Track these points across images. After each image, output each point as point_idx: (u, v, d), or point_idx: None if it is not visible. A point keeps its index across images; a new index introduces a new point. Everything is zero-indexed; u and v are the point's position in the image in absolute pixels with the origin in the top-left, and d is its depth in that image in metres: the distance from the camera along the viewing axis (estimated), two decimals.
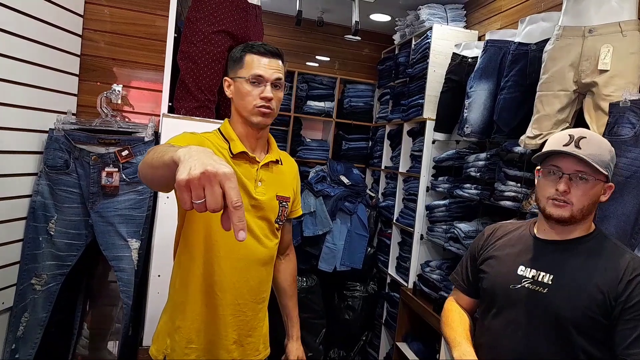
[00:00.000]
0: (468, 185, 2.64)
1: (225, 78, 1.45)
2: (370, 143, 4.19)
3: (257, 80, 1.37)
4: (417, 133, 3.27)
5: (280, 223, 1.50)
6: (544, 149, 1.25)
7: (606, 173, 1.21)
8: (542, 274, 1.23)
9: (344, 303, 3.58)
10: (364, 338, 3.71)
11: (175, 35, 2.15)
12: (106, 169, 2.00)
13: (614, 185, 1.26)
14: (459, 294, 1.51)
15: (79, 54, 2.29)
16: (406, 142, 3.39)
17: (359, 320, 3.59)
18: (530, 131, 2.11)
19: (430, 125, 3.03)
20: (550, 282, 1.21)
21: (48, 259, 2.06)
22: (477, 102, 2.56)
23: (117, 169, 2.01)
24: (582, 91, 1.97)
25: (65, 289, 2.12)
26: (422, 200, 3.07)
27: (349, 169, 3.87)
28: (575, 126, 2.06)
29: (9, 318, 2.04)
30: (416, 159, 3.27)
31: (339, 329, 3.59)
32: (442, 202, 2.93)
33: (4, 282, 2.02)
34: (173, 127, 1.98)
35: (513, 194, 2.30)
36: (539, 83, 2.08)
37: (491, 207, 2.46)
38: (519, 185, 2.28)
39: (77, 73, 2.30)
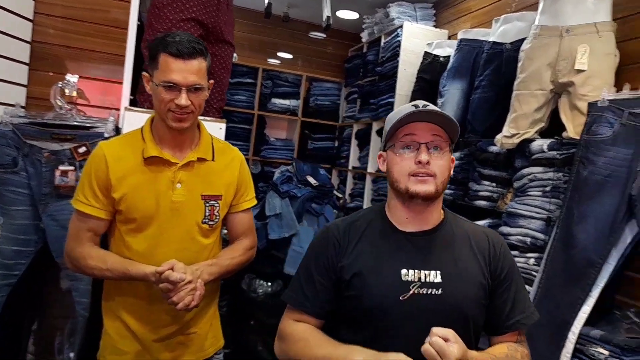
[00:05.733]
0: None
1: (144, 74, 1.36)
2: (336, 143, 4.15)
3: (171, 86, 1.27)
4: None
5: (212, 223, 1.42)
6: (392, 123, 1.09)
7: (454, 140, 1.12)
8: (426, 272, 1.07)
9: None
10: None
11: (138, 22, 1.98)
12: (60, 167, 1.81)
13: (454, 158, 1.17)
14: (301, 316, 1.14)
15: (29, 40, 2.07)
16: (375, 142, 3.36)
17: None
18: (507, 130, 2.11)
19: None
20: (440, 281, 1.07)
21: None
22: (450, 102, 2.56)
23: (73, 168, 1.83)
24: (558, 91, 1.99)
25: (13, 301, 1.92)
26: None
27: (315, 169, 3.79)
28: (550, 126, 2.08)
29: None
30: None
31: None
32: None
33: None
34: (136, 122, 1.82)
35: (488, 193, 2.30)
36: (515, 82, 2.09)
37: (465, 207, 2.45)
38: (494, 184, 2.28)
39: (27, 62, 2.09)
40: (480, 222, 2.22)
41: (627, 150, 1.68)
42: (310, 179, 3.71)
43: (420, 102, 1.09)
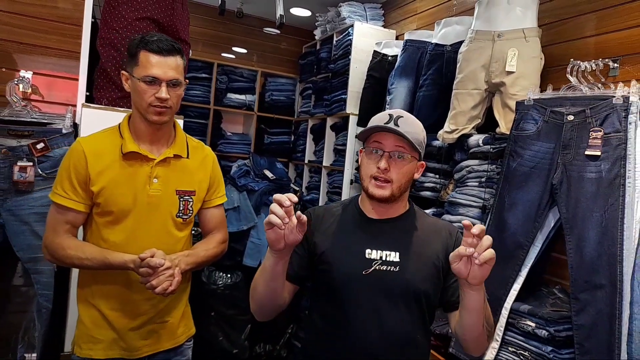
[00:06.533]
0: None
1: (123, 72, 1.43)
2: (292, 137, 4.23)
3: (152, 80, 1.35)
4: (341, 127, 3.37)
5: (185, 217, 1.50)
6: (368, 127, 1.26)
7: (420, 151, 1.25)
8: (387, 252, 1.24)
9: None
10: (289, 331, 3.74)
11: (93, 19, 2.00)
12: (19, 163, 1.83)
13: (425, 163, 1.33)
14: None
15: None
16: (329, 137, 3.47)
17: (285, 314, 3.61)
18: (447, 126, 2.28)
19: (353, 120, 3.14)
20: (398, 260, 1.23)
21: None
22: (398, 99, 2.71)
23: (31, 163, 1.84)
24: (492, 90, 2.17)
25: None
26: (347, 192, 3.17)
27: (272, 163, 3.87)
28: (485, 122, 2.26)
29: None
30: (340, 152, 3.36)
31: (265, 324, 3.56)
32: None
33: None
34: (94, 119, 1.87)
35: (432, 184, 2.46)
36: (455, 82, 2.25)
37: (411, 198, 2.60)
38: (437, 176, 2.45)
39: None
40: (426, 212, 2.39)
41: (549, 144, 1.85)
42: (268, 173, 3.79)
43: (395, 113, 1.24)
